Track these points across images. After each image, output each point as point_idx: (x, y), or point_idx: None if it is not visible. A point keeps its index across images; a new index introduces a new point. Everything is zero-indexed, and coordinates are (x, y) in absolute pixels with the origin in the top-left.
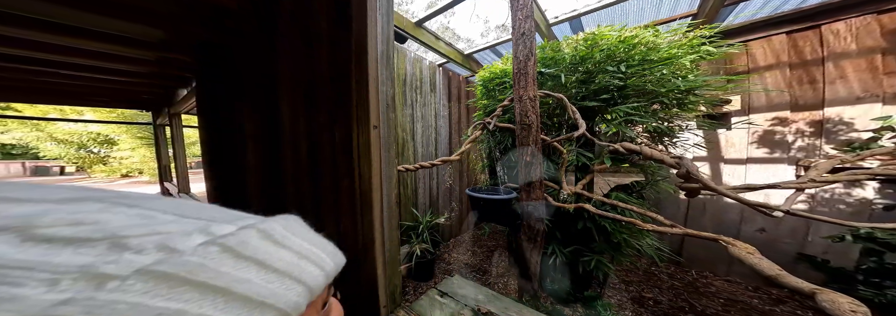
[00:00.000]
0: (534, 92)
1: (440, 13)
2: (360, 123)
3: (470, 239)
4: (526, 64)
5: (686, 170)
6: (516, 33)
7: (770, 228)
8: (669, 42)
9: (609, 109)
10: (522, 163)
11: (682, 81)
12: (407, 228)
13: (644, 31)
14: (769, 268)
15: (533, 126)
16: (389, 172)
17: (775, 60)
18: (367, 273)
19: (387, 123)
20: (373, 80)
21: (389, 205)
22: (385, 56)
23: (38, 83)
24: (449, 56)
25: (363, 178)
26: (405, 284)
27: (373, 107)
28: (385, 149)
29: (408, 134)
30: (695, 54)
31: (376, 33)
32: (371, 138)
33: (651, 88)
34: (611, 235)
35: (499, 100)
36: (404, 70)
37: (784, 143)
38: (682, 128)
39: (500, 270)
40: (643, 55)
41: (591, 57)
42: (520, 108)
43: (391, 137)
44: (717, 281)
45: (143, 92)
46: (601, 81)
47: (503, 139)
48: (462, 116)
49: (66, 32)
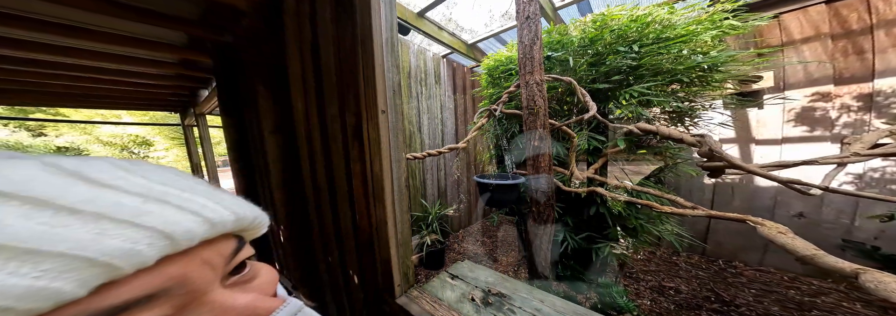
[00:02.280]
0: (540, 76)
1: (441, 2)
2: (369, 108)
3: (479, 229)
4: (531, 48)
5: (708, 148)
6: (521, 17)
7: (810, 212)
8: (687, 19)
9: (622, 91)
10: (530, 147)
11: (704, 58)
12: (416, 218)
13: (657, 9)
14: (804, 248)
15: (540, 111)
16: (398, 156)
17: (814, 32)
18: (382, 253)
19: (394, 109)
20: (379, 66)
21: (400, 188)
22: (389, 43)
23: (76, 88)
24: (453, 46)
25: (374, 161)
26: (417, 273)
27: (380, 92)
28: (393, 134)
29: (414, 126)
30: (717, 30)
31: (380, 21)
32: (379, 123)
33: (668, 67)
34: (626, 220)
35: (505, 87)
36: (408, 62)
37: (826, 120)
38: (704, 107)
39: (510, 260)
40: (658, 34)
41: (601, 38)
42: (526, 93)
43: (399, 123)
44: (748, 271)
45: (168, 94)
46: (612, 63)
47: (510, 126)
48: (468, 107)
49: (95, 37)
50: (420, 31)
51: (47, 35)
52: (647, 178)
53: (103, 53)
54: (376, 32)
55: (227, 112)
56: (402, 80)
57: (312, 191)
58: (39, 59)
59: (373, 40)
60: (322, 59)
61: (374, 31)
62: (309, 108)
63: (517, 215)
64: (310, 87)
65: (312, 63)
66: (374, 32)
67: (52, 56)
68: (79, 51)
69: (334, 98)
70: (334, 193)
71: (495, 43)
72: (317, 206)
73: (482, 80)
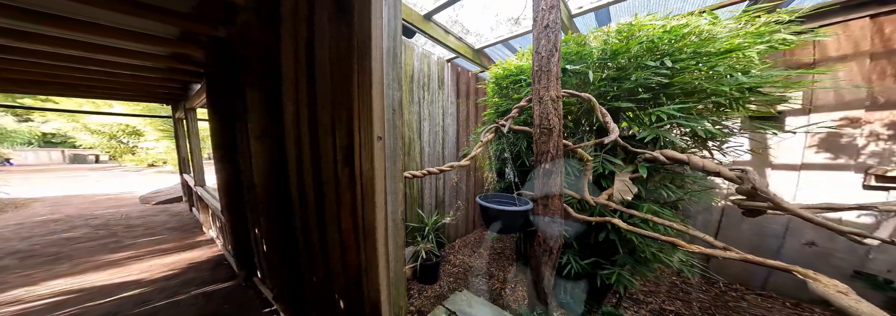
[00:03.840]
0: (557, 92)
1: (450, 5)
2: (363, 131)
3: (476, 240)
4: (549, 60)
5: (751, 186)
6: (538, 26)
7: (822, 241)
8: (730, 30)
9: (650, 111)
10: (540, 171)
11: (748, 77)
12: (412, 228)
13: (697, 19)
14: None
15: (554, 130)
16: (395, 188)
17: (852, 50)
18: (371, 294)
19: (393, 132)
20: (377, 83)
21: (395, 223)
22: (391, 54)
23: (65, 77)
24: (459, 51)
25: (365, 193)
26: (410, 287)
27: (377, 115)
28: (390, 162)
29: (414, 133)
30: (764, 44)
31: (382, 28)
32: (375, 150)
33: (705, 86)
34: (638, 247)
35: (513, 99)
36: (412, 66)
37: (852, 148)
38: (732, 131)
39: (508, 275)
40: (696, 47)
41: (626, 51)
42: (540, 110)
43: (398, 147)
44: (750, 295)
45: (159, 86)
46: (639, 79)
47: (517, 142)
48: (471, 114)
49: (88, 29)
50: (426, 34)
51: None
52: (662, 204)
53: (94, 44)
54: (376, 40)
55: (215, 109)
56: (404, 84)
57: (299, 206)
58: (28, 48)
59: (371, 50)
60: (317, 63)
61: (373, 39)
62: (300, 114)
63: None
64: (302, 91)
65: (306, 67)
66: (374, 40)
67: (40, 45)
68: (70, 41)
69: (328, 108)
70: (322, 214)
71: (502, 49)
72: (303, 221)
73: (488, 89)
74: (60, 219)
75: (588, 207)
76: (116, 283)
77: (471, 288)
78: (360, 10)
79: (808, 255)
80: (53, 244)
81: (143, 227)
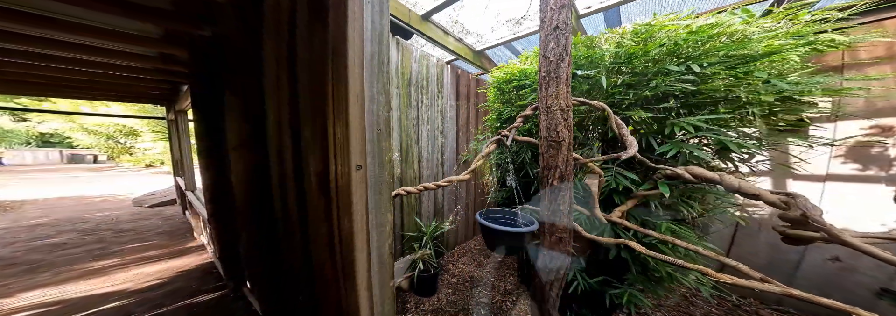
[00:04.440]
0: (567, 101)
1: (449, 5)
2: (339, 158)
3: (476, 247)
4: (558, 66)
5: (802, 213)
6: (546, 27)
7: (847, 256)
8: (766, 31)
9: (676, 121)
10: (546, 190)
11: (789, 84)
12: (410, 238)
13: (729, 17)
14: None
15: (564, 143)
16: (381, 219)
17: (886, 51)
18: None
19: (378, 157)
20: (356, 97)
21: (381, 260)
22: (376, 60)
23: (55, 79)
24: (459, 53)
25: (343, 233)
26: (406, 299)
27: (357, 137)
28: (374, 191)
29: (412, 139)
30: (807, 45)
31: (362, 29)
32: (353, 182)
33: (740, 95)
34: (649, 265)
35: (516, 105)
36: (409, 69)
37: (883, 159)
38: (766, 144)
39: (508, 287)
40: (728, 50)
41: (644, 54)
42: (547, 120)
43: (384, 175)
44: (765, 311)
45: (151, 87)
46: (659, 85)
47: (521, 151)
48: (471, 118)
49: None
50: (424, 35)
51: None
52: (680, 221)
53: (80, 45)
54: (354, 43)
55: (199, 113)
56: (401, 88)
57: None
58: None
59: (348, 56)
60: (299, 69)
61: (350, 41)
62: (281, 122)
63: None
64: (284, 97)
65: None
66: (351, 43)
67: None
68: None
69: (309, 119)
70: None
71: (504, 50)
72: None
73: (490, 94)
74: (48, 223)
75: (598, 224)
76: (98, 294)
77: (471, 300)
78: (334, 8)
79: (831, 270)
80: (37, 251)
81: (133, 232)
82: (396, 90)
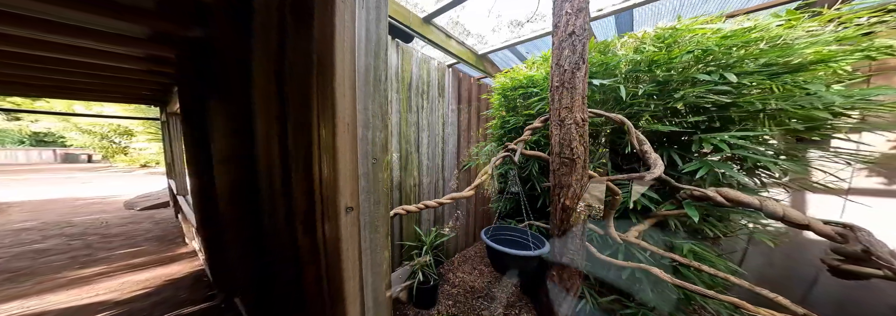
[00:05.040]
0: (582, 114)
1: (452, 7)
2: (327, 201)
3: (476, 254)
4: (573, 75)
5: (865, 249)
6: (561, 33)
7: None
8: (812, 36)
9: (706, 137)
10: (557, 210)
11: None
12: (409, 247)
13: (771, 20)
14: None
15: (578, 161)
16: (376, 258)
17: None
18: None
19: (375, 191)
20: (345, 125)
21: (376, 302)
22: (371, 76)
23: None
24: (461, 56)
25: (332, 280)
26: (405, 312)
27: (346, 177)
28: (369, 229)
29: (412, 146)
30: (860, 53)
31: (355, 37)
32: (341, 225)
33: (785, 108)
34: (667, 286)
35: (523, 114)
36: (410, 72)
37: None
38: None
39: (510, 299)
40: (768, 57)
41: (668, 61)
42: (560, 135)
43: (381, 209)
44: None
45: (143, 88)
46: (687, 96)
47: (528, 163)
48: (472, 123)
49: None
50: (425, 39)
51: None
52: (694, 231)
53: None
54: (342, 56)
55: (187, 118)
56: (402, 93)
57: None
58: None
59: (335, 72)
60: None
61: (337, 54)
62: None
63: None
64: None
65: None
66: (338, 56)
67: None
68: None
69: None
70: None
71: (507, 53)
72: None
73: (493, 100)
74: (35, 227)
75: (611, 243)
76: (79, 305)
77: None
78: (320, 12)
79: (850, 286)
80: (20, 258)
81: (123, 236)
82: (396, 95)
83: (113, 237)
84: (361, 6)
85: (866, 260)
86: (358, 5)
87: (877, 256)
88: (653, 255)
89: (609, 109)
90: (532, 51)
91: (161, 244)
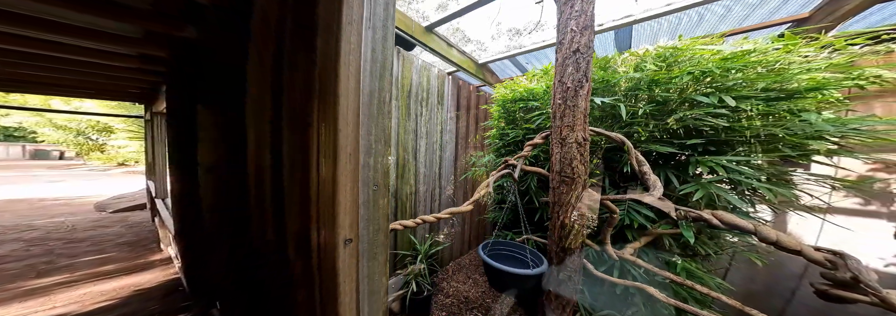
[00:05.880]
0: (584, 133)
1: (455, 18)
2: (325, 233)
3: (470, 263)
4: (576, 93)
5: (854, 276)
6: (565, 50)
7: None
8: (806, 61)
9: (703, 159)
10: (556, 227)
11: (832, 125)
12: (402, 256)
13: (770, 43)
14: None
15: (578, 180)
16: (375, 286)
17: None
18: None
19: (374, 220)
20: (347, 156)
21: None
22: (375, 100)
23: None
24: (461, 65)
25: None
26: None
27: (345, 207)
28: (368, 257)
29: (409, 154)
30: (850, 80)
31: (361, 59)
32: (338, 257)
33: (781, 134)
34: (658, 304)
35: (522, 127)
36: (410, 80)
37: (886, 195)
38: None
39: (504, 310)
40: (766, 81)
41: (668, 81)
42: (561, 154)
43: (380, 236)
44: None
45: (129, 86)
46: (686, 118)
47: (527, 177)
48: (470, 131)
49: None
50: (426, 47)
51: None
52: (686, 246)
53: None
54: (346, 83)
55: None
56: (401, 100)
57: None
58: None
59: (338, 98)
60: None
61: (341, 81)
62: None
63: None
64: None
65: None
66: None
67: None
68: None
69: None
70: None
71: (505, 62)
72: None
73: (493, 111)
74: None
75: (607, 259)
76: None
77: None
78: (324, 32)
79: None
80: None
81: (89, 242)
82: (395, 102)
83: (78, 242)
84: (368, 26)
85: (854, 286)
86: (365, 25)
87: (865, 283)
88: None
89: (608, 127)
90: (531, 61)
91: (132, 250)
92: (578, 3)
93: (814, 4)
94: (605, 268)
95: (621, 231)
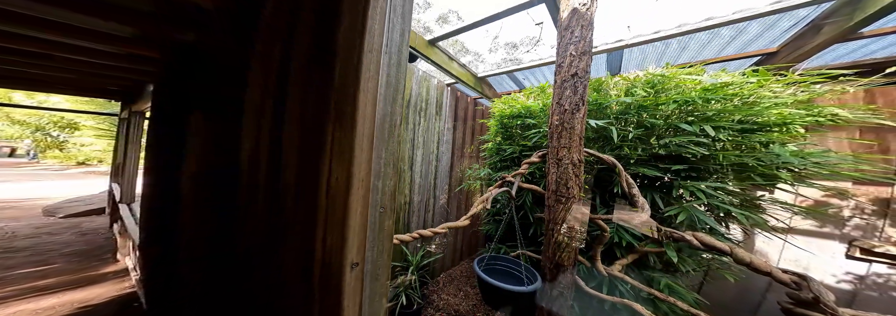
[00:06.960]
0: (579, 155)
1: (459, 33)
2: (332, 257)
3: (462, 273)
4: (573, 116)
5: (815, 297)
6: (564, 73)
7: None
8: (775, 95)
9: (685, 184)
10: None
11: (795, 157)
12: (393, 267)
13: (746, 78)
14: None
15: (572, 200)
16: (375, 308)
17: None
18: None
19: (379, 242)
20: (360, 182)
21: None
22: (387, 124)
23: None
24: (461, 78)
25: None
26: None
27: (354, 232)
28: (371, 278)
29: (405, 163)
30: (813, 117)
31: (378, 84)
32: (345, 282)
33: (753, 164)
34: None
35: (519, 144)
36: (410, 90)
37: (838, 219)
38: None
39: None
40: (741, 114)
41: (655, 107)
42: (557, 174)
43: (384, 257)
44: None
45: (110, 83)
46: (671, 145)
47: (523, 193)
48: (466, 141)
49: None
50: (429, 60)
51: None
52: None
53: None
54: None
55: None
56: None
57: None
58: None
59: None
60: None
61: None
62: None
63: None
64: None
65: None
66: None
67: None
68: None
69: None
70: None
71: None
72: None
73: (490, 124)
74: None
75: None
76: None
77: None
78: (343, 62)
79: None
80: None
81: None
82: None
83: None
84: (386, 51)
85: (815, 306)
86: (383, 51)
87: (824, 303)
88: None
89: (600, 148)
90: (527, 76)
91: (82, 261)
92: (578, 30)
93: (781, 41)
94: (595, 284)
95: (610, 249)
